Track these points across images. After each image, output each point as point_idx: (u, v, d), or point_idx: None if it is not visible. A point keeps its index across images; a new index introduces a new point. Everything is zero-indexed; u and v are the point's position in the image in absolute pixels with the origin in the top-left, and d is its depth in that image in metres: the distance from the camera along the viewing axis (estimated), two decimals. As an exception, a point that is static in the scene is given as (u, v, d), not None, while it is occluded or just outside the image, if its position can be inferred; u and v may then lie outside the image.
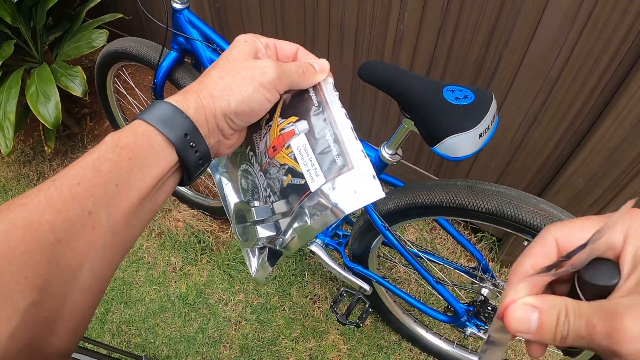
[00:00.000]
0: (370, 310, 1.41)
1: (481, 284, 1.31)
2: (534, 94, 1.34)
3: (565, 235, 0.32)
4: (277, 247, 0.51)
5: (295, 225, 0.47)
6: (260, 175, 0.52)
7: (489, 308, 1.26)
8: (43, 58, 2.04)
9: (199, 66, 1.50)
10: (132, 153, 0.37)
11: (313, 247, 1.44)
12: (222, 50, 1.31)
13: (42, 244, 0.31)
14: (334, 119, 0.46)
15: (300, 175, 0.46)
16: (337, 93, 0.48)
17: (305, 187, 0.45)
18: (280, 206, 0.49)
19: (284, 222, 0.50)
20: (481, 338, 1.33)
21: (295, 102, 0.49)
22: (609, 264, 0.29)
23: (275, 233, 0.50)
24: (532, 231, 1.02)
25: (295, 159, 0.46)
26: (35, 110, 1.76)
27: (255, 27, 1.83)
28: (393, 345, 1.67)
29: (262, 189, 0.52)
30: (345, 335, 1.69)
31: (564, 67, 1.24)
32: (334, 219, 0.43)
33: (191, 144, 0.41)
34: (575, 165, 1.37)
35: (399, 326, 1.62)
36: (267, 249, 0.57)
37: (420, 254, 1.39)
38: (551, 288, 0.34)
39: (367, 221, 1.26)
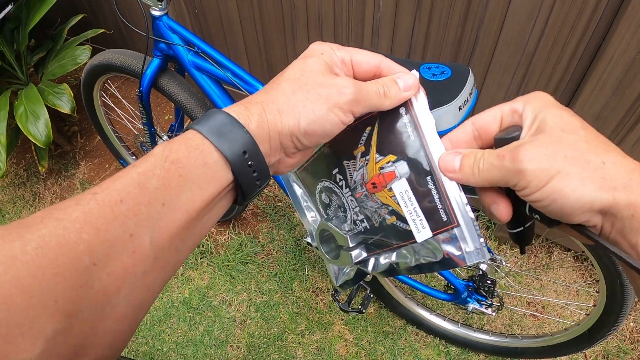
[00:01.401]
0: (371, 296, 1.42)
1: (478, 260, 1.32)
2: (513, 68, 1.36)
3: (479, 120, 0.40)
4: (369, 269, 0.52)
5: (394, 259, 0.49)
6: (352, 200, 0.51)
7: (488, 282, 1.28)
8: (29, 79, 2.06)
9: (182, 71, 1.51)
10: (183, 170, 0.34)
11: (310, 239, 1.45)
12: (204, 53, 1.33)
13: (77, 267, 0.29)
14: (434, 162, 0.42)
15: (404, 220, 0.45)
16: (434, 119, 0.43)
17: (410, 235, 0.45)
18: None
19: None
20: (483, 313, 1.35)
21: (390, 134, 0.45)
22: (515, 126, 0.37)
23: (367, 254, 0.52)
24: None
25: (398, 204, 0.45)
26: (26, 130, 1.78)
27: (235, 29, 1.85)
28: (398, 330, 1.68)
29: (353, 212, 0.52)
30: (351, 325, 1.70)
31: (541, 38, 1.26)
32: (437, 270, 0.45)
33: (249, 162, 0.37)
34: (560, 135, 1.39)
35: (402, 311, 1.63)
36: (357, 268, 0.57)
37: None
38: None
39: (360, 207, 1.28)
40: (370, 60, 0.43)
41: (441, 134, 0.95)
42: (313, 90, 0.38)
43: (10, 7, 1.00)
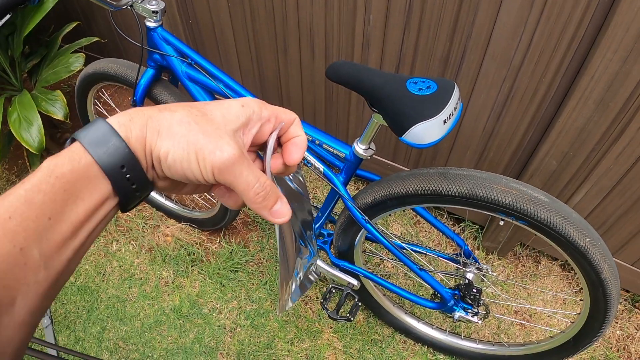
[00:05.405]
0: (359, 304, 1.44)
1: (465, 269, 1.35)
2: (500, 82, 1.39)
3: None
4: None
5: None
6: None
7: (474, 290, 1.30)
8: (22, 85, 2.07)
9: (176, 82, 1.54)
10: (68, 184, 0.35)
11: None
12: (197, 64, 1.35)
13: None
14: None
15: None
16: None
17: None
18: None
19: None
20: (470, 321, 1.37)
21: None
22: None
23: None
24: (506, 210, 1.06)
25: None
26: (19, 136, 1.79)
27: (227, 40, 1.87)
28: (387, 338, 1.70)
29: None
30: (339, 333, 1.71)
31: (526, 54, 1.29)
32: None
33: (127, 176, 0.38)
34: (546, 147, 1.42)
35: (390, 319, 1.65)
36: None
37: (404, 245, 1.43)
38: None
39: (348, 217, 1.30)
40: (287, 115, 0.44)
41: (425, 146, 0.97)
42: (195, 133, 0.38)
43: (8, 16, 1.01)
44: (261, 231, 2.01)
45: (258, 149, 0.45)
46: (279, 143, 0.44)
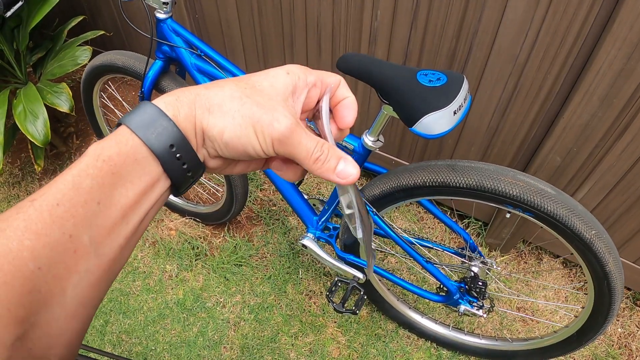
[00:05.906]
0: (364, 297, 1.45)
1: (470, 263, 1.36)
2: (505, 78, 1.40)
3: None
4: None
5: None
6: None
7: (480, 283, 1.31)
8: (27, 79, 2.07)
9: (183, 73, 1.54)
10: (115, 167, 0.34)
11: (305, 241, 1.48)
12: (207, 56, 1.36)
13: (23, 273, 0.29)
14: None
15: None
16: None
17: None
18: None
19: None
20: (475, 314, 1.38)
21: None
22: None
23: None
24: (513, 202, 1.07)
25: None
26: (24, 129, 1.79)
27: (234, 34, 1.88)
28: (390, 333, 1.70)
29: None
30: (343, 328, 1.72)
31: (532, 50, 1.30)
32: None
33: (177, 155, 0.36)
34: (550, 143, 1.43)
35: (394, 314, 1.66)
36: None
37: (410, 239, 1.44)
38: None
39: (355, 209, 1.30)
40: (331, 79, 0.42)
41: (435, 137, 0.98)
42: (249, 107, 0.37)
43: (21, 3, 1.02)
44: (265, 226, 2.02)
45: (307, 117, 0.44)
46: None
